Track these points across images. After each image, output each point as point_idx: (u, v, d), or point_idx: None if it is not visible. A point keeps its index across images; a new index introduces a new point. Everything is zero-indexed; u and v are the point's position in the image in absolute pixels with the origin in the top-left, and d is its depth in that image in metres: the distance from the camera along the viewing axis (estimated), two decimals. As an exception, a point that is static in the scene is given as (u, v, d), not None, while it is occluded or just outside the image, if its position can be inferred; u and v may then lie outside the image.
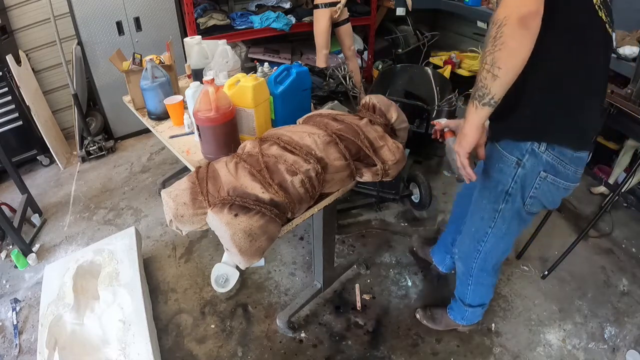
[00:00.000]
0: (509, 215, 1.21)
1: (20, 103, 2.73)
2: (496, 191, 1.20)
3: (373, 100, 1.44)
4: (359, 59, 4.00)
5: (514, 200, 1.17)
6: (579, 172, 1.11)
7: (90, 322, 1.66)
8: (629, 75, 2.25)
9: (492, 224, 1.26)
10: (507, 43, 0.90)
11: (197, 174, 1.21)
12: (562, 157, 1.07)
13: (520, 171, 1.11)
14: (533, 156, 1.08)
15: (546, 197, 1.14)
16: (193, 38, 2.04)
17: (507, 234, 1.29)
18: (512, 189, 1.15)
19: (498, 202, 1.20)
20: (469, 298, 1.60)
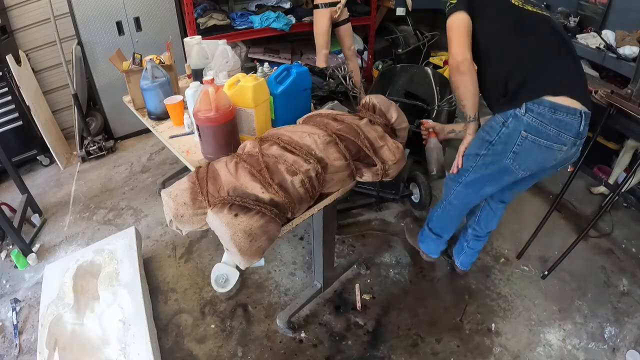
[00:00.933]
0: (488, 161, 1.47)
1: (20, 103, 2.73)
2: (482, 140, 1.48)
3: (373, 100, 1.45)
4: (359, 59, 4.00)
5: (494, 149, 1.43)
6: (562, 134, 1.32)
7: (90, 322, 1.67)
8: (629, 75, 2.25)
9: (474, 164, 1.53)
10: (456, 85, 1.44)
11: (197, 174, 1.21)
12: (542, 118, 1.31)
13: (504, 130, 1.38)
14: (515, 119, 1.35)
15: (529, 155, 1.37)
16: (193, 38, 2.04)
17: (483, 178, 1.53)
18: (495, 141, 1.42)
19: (481, 148, 1.48)
20: (433, 221, 1.88)
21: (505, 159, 1.41)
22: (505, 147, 1.39)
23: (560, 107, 1.30)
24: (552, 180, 2.77)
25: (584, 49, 2.62)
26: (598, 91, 1.92)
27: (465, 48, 1.37)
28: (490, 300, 1.94)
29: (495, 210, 1.82)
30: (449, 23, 1.42)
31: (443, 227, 1.87)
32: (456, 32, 1.39)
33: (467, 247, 1.94)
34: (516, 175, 1.44)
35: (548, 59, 1.36)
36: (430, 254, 2.02)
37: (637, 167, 1.82)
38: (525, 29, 1.39)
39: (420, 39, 3.97)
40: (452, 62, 1.39)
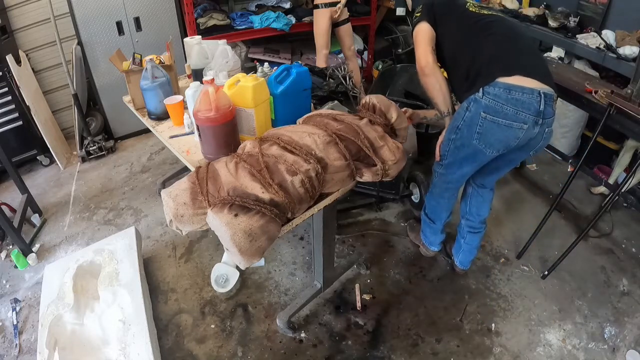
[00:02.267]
0: (459, 144, 1.59)
1: (20, 103, 2.73)
2: (452, 126, 1.60)
3: (373, 100, 1.45)
4: (359, 59, 3.99)
5: (461, 133, 1.55)
6: (520, 112, 1.40)
7: (90, 322, 1.67)
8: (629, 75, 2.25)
9: (448, 148, 1.65)
10: (425, 87, 1.63)
11: (197, 174, 1.21)
12: (498, 99, 1.41)
13: (467, 114, 1.50)
14: (475, 103, 1.47)
15: (492, 134, 1.48)
16: (193, 38, 2.04)
17: (459, 160, 1.65)
18: (461, 124, 1.54)
19: (451, 133, 1.61)
20: (426, 205, 1.99)
21: (473, 140, 1.53)
22: (470, 129, 1.52)
23: (515, 87, 1.39)
24: (552, 180, 2.78)
25: (584, 49, 2.62)
26: (598, 91, 1.92)
27: (427, 53, 1.56)
28: (490, 300, 1.94)
29: (482, 195, 1.88)
30: (414, 33, 1.63)
31: (434, 210, 1.96)
32: (419, 39, 1.59)
33: (464, 244, 1.95)
34: (485, 154, 1.54)
35: (501, 48, 1.50)
36: (429, 246, 2.08)
37: (637, 167, 1.82)
38: (481, 28, 1.54)
39: (420, 39, 3.96)
40: (418, 67, 1.58)
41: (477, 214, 1.90)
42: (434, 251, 2.11)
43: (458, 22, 1.60)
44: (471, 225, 1.91)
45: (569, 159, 2.71)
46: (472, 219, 1.91)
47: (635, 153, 2.33)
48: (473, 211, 1.90)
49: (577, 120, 2.77)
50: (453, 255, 2.05)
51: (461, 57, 1.56)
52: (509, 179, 2.79)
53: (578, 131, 2.84)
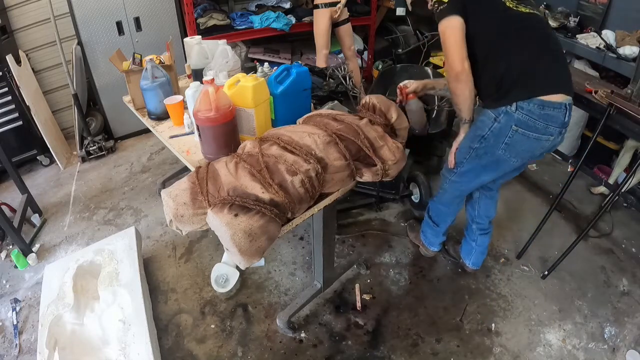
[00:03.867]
0: (481, 153, 1.56)
1: (20, 103, 2.73)
2: (474, 134, 1.55)
3: (373, 100, 1.45)
4: (359, 59, 3.99)
5: (487, 143, 1.52)
6: (549, 126, 1.41)
7: (90, 322, 1.67)
8: (629, 75, 2.25)
9: (467, 156, 1.61)
10: (454, 92, 1.49)
11: (197, 174, 1.21)
12: (531, 114, 1.39)
13: (496, 125, 1.46)
14: (506, 115, 1.43)
15: (520, 145, 1.46)
16: (193, 38, 2.04)
17: (478, 168, 1.62)
18: (487, 135, 1.50)
19: (474, 142, 1.56)
20: (432, 209, 1.97)
21: (498, 150, 1.50)
22: (497, 140, 1.48)
23: (548, 103, 1.38)
24: (552, 180, 2.78)
25: (584, 49, 2.62)
26: (598, 91, 1.92)
27: (464, 58, 1.40)
28: (490, 300, 1.94)
29: (491, 198, 1.88)
30: (443, 29, 1.42)
31: (440, 215, 1.95)
32: (452, 40, 1.40)
33: (476, 246, 1.95)
34: (510, 163, 1.53)
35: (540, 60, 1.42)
36: (429, 246, 2.08)
37: (637, 167, 1.82)
38: (520, 33, 1.43)
39: (420, 39, 3.97)
40: (451, 73, 1.42)
41: (486, 215, 1.90)
42: (434, 251, 2.11)
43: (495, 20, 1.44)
44: (482, 228, 1.91)
45: (569, 159, 2.71)
46: (482, 221, 1.90)
47: (635, 153, 2.33)
48: (482, 214, 1.89)
49: (577, 120, 2.77)
50: (463, 258, 2.04)
51: (494, 61, 1.43)
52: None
53: (578, 131, 2.84)
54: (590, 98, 1.92)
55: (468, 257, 2.01)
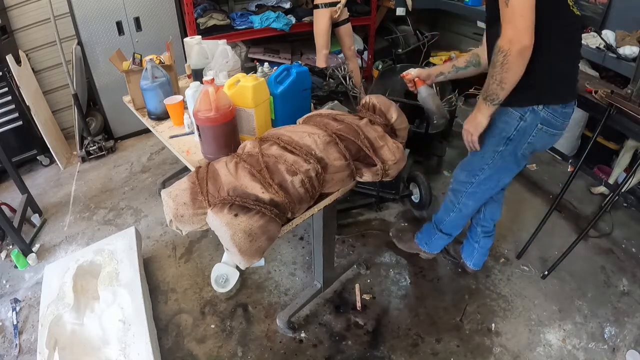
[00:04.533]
0: (506, 155, 1.52)
1: (20, 103, 2.73)
2: (500, 137, 1.50)
3: (373, 100, 1.44)
4: (359, 59, 3.99)
5: (513, 144, 1.48)
6: (565, 122, 1.46)
7: (90, 322, 1.67)
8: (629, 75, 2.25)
9: (491, 161, 1.57)
10: (511, 68, 1.26)
11: (197, 174, 1.21)
12: (555, 112, 1.41)
13: (522, 124, 1.43)
14: (533, 113, 1.41)
15: (539, 142, 1.48)
16: (193, 38, 2.04)
17: (500, 172, 1.60)
18: (513, 135, 1.47)
19: (499, 145, 1.51)
20: (445, 224, 1.89)
21: (521, 150, 1.49)
22: (522, 139, 1.46)
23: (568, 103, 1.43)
24: (552, 180, 2.78)
25: (584, 49, 2.62)
26: (598, 91, 1.92)
27: (533, 31, 1.20)
28: (490, 300, 1.94)
29: (497, 200, 1.86)
30: None
31: (456, 227, 1.91)
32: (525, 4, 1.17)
33: (478, 247, 1.94)
34: (526, 161, 1.55)
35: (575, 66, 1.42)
36: (432, 251, 2.06)
37: (637, 167, 1.82)
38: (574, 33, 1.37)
39: (420, 39, 3.97)
40: (518, 45, 1.20)
41: (492, 218, 1.88)
42: (436, 253, 2.10)
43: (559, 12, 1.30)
44: (486, 231, 1.90)
45: (569, 159, 2.71)
46: (487, 224, 1.89)
47: (635, 153, 2.33)
48: (487, 217, 1.87)
49: (577, 120, 2.77)
50: (464, 258, 2.03)
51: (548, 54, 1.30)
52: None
53: (578, 131, 2.84)
54: (590, 98, 1.92)
55: (469, 258, 2.00)
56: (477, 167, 1.62)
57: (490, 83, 1.33)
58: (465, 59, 1.70)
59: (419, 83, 1.75)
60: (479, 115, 1.44)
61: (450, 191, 1.81)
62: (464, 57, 1.71)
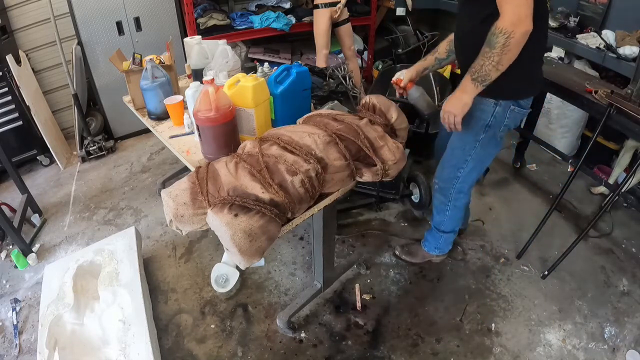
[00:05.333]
0: (486, 142, 1.57)
1: (20, 103, 2.73)
2: (478, 126, 1.54)
3: (373, 100, 1.45)
4: (359, 59, 3.99)
5: (492, 130, 1.54)
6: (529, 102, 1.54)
7: (90, 322, 1.67)
8: (629, 75, 2.25)
9: (473, 151, 1.60)
10: (511, 51, 1.25)
11: (197, 174, 1.21)
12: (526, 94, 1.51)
13: (497, 109, 1.48)
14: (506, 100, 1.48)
15: (512, 122, 1.54)
16: (193, 38, 2.04)
17: (483, 159, 1.65)
18: (491, 122, 1.52)
19: (479, 134, 1.55)
20: (445, 224, 1.90)
21: (499, 133, 1.55)
22: (499, 123, 1.52)
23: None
24: (552, 180, 2.78)
25: (584, 49, 2.62)
26: (598, 91, 1.92)
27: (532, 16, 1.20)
28: (490, 300, 1.94)
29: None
30: None
31: (457, 221, 1.93)
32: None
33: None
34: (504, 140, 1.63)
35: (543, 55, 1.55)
36: (445, 252, 2.08)
37: (637, 167, 1.82)
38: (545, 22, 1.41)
39: (420, 39, 3.98)
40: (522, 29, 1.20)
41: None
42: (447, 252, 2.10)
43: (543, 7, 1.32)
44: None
45: (569, 159, 2.71)
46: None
47: (635, 153, 2.33)
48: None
49: (577, 120, 2.77)
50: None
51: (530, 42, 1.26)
52: (509, 179, 2.79)
53: (578, 131, 2.84)
54: (590, 98, 1.92)
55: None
56: (461, 160, 1.64)
57: (485, 64, 1.29)
58: (445, 48, 1.70)
59: (410, 85, 1.77)
60: (464, 96, 1.40)
61: (437, 192, 1.83)
62: (443, 47, 1.70)
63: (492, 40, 1.24)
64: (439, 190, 1.81)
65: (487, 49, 1.27)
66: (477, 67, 1.32)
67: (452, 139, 1.68)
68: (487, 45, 1.26)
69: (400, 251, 2.14)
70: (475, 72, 1.33)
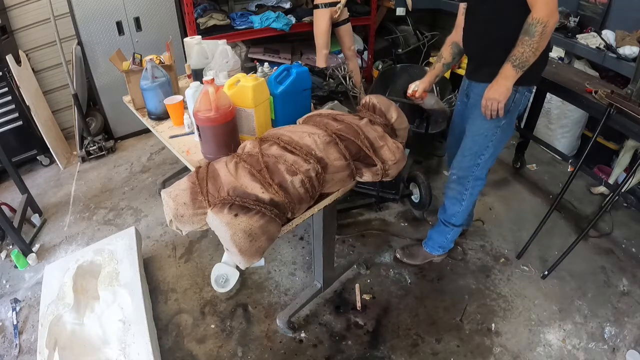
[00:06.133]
0: (506, 126, 1.65)
1: (20, 103, 2.73)
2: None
3: (373, 100, 1.45)
4: (359, 59, 4.00)
5: (511, 115, 1.62)
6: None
7: (90, 322, 1.67)
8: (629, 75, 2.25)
9: (494, 137, 1.66)
10: (546, 38, 1.40)
11: (197, 174, 1.21)
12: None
13: (517, 95, 1.57)
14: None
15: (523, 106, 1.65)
16: (193, 38, 2.04)
17: (501, 142, 1.70)
18: (511, 106, 1.59)
19: (500, 119, 1.61)
20: (458, 217, 1.89)
21: (515, 116, 1.64)
22: (516, 108, 1.61)
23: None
24: (552, 180, 2.78)
25: (584, 49, 2.62)
26: (598, 91, 1.92)
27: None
28: (490, 300, 1.94)
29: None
30: None
31: (467, 214, 1.94)
32: None
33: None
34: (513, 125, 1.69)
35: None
36: (447, 251, 2.08)
37: (637, 167, 1.82)
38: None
39: (420, 39, 3.98)
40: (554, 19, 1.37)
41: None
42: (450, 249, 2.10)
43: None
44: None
45: (569, 159, 2.71)
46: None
47: (635, 153, 2.33)
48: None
49: (577, 120, 2.77)
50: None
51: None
52: (509, 179, 2.79)
53: (578, 131, 2.84)
54: (590, 98, 1.92)
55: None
56: (482, 146, 1.69)
57: (525, 51, 1.41)
58: (449, 52, 1.84)
59: (425, 95, 1.94)
60: (506, 82, 1.49)
61: (454, 183, 1.83)
62: (447, 52, 1.84)
63: (531, 29, 1.37)
64: (457, 180, 1.82)
65: (526, 37, 1.39)
66: (517, 54, 1.42)
67: (471, 128, 1.72)
68: (526, 34, 1.39)
69: (402, 254, 2.13)
70: (516, 59, 1.43)
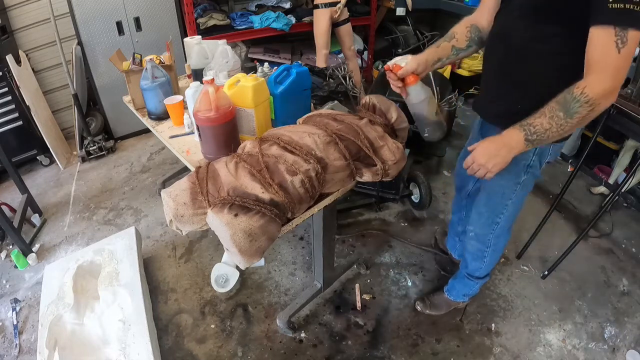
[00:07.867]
0: (528, 182, 1.37)
1: (20, 103, 2.73)
2: (518, 167, 1.32)
3: (373, 100, 1.44)
4: (359, 59, 4.00)
5: (532, 169, 1.33)
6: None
7: (90, 322, 1.67)
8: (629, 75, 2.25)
9: (513, 195, 1.40)
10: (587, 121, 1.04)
11: (197, 174, 1.21)
12: None
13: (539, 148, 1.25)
14: None
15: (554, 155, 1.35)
16: (193, 38, 2.04)
17: (522, 199, 1.44)
18: (532, 161, 1.30)
19: (520, 176, 1.34)
20: (483, 269, 1.66)
21: (539, 169, 1.34)
22: (540, 161, 1.32)
23: None
24: (552, 180, 2.78)
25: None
26: (598, 91, 1.92)
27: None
28: (490, 300, 1.94)
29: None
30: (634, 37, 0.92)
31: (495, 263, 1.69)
32: (631, 58, 0.96)
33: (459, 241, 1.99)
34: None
35: None
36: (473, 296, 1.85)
37: (637, 167, 1.82)
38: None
39: (420, 39, 3.98)
40: (609, 101, 1.00)
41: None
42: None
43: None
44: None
45: (569, 159, 2.72)
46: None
47: (635, 153, 2.34)
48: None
49: (577, 120, 2.77)
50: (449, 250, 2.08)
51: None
52: (509, 179, 2.79)
53: (578, 131, 2.84)
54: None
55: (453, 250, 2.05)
56: (500, 205, 1.44)
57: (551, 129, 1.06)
58: (466, 35, 1.36)
59: (413, 79, 1.29)
60: (508, 153, 1.14)
61: (473, 239, 1.59)
62: (462, 34, 1.36)
63: (573, 107, 1.01)
64: (475, 237, 1.58)
65: (560, 114, 1.03)
66: (538, 127, 1.07)
67: (486, 182, 1.39)
68: (563, 110, 1.02)
69: (423, 306, 1.89)
70: (533, 133, 1.08)
